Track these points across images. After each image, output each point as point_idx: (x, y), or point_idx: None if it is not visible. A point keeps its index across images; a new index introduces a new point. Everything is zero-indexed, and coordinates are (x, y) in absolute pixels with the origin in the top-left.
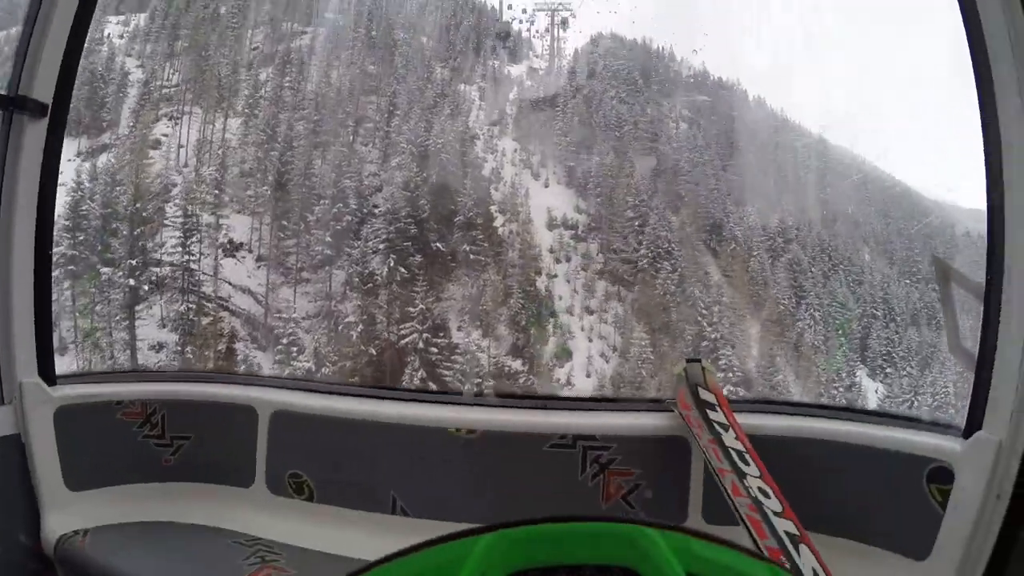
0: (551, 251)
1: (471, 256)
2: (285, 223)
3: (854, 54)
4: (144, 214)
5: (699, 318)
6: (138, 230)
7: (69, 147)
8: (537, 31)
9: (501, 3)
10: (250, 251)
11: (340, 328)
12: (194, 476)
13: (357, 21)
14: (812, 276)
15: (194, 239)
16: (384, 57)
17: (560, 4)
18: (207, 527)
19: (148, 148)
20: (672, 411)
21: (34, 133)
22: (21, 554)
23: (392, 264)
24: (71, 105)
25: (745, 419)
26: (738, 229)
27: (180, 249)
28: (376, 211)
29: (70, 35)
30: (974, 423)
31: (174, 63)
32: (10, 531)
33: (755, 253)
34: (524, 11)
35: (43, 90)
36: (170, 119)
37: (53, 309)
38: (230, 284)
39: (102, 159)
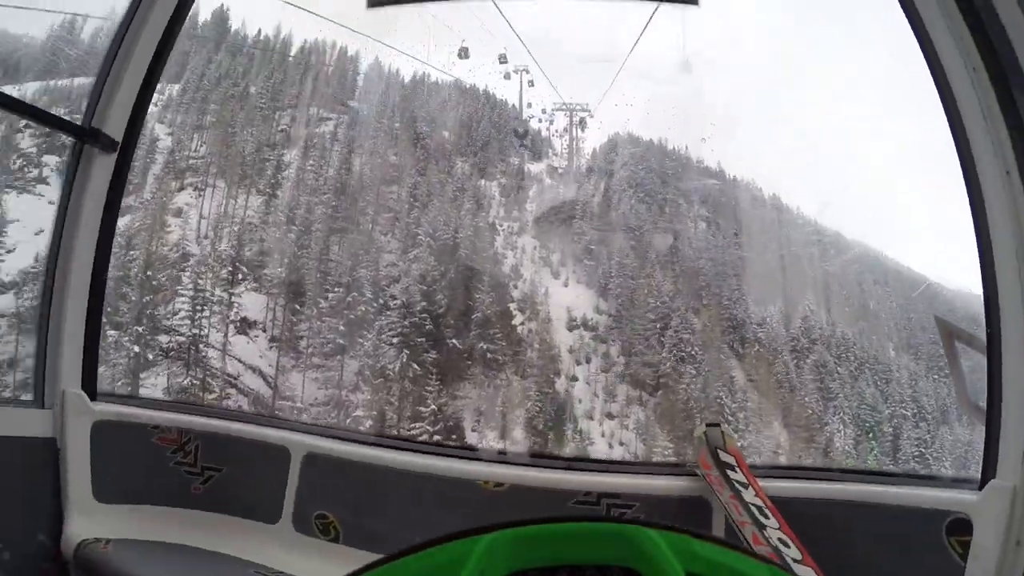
0: (571, 351)
1: (488, 355)
2: (298, 307)
3: (865, 149)
4: (155, 282)
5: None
6: (148, 297)
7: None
8: (556, 130)
9: (521, 102)
10: (264, 330)
11: (348, 420)
12: (221, 507)
13: (381, 112)
14: (839, 377)
15: (206, 312)
16: (406, 149)
17: (578, 104)
18: (230, 556)
19: (169, 215)
20: (694, 474)
21: (103, 166)
22: (38, 553)
23: (405, 359)
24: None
25: (766, 484)
26: (761, 331)
27: (190, 321)
28: (392, 303)
29: (145, 76)
30: (988, 473)
31: (203, 135)
32: (31, 529)
33: (780, 355)
34: (544, 111)
35: (115, 126)
36: (195, 189)
37: None
38: (241, 362)
39: (122, 221)
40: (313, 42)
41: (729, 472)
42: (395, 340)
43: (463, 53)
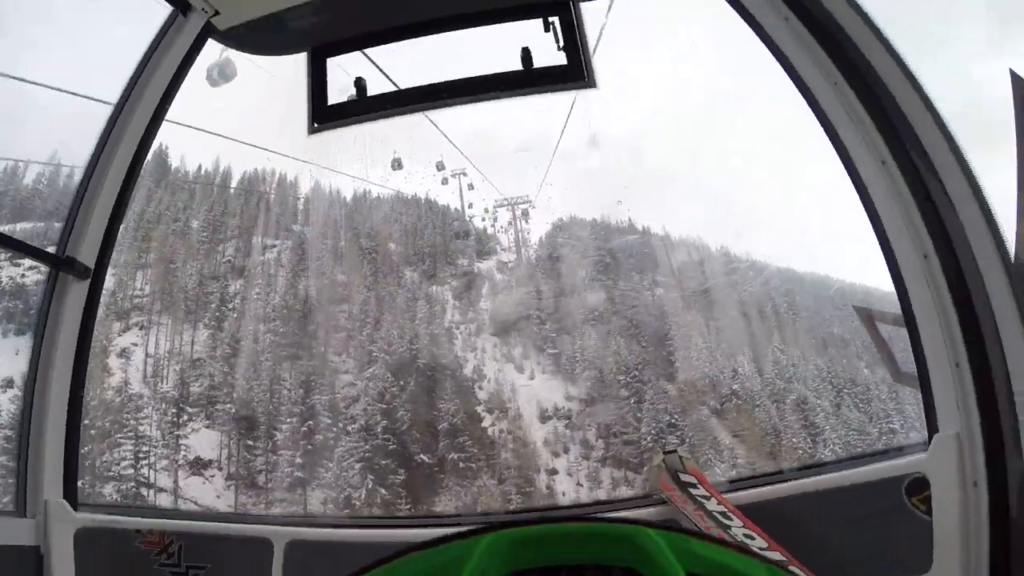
0: (547, 444)
1: (460, 464)
2: (251, 442)
3: (755, 178)
4: (92, 431)
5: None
6: (87, 447)
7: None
8: (501, 226)
9: (463, 203)
10: (219, 468)
11: None
12: None
13: (324, 233)
14: (822, 410)
15: (153, 456)
16: (353, 266)
17: (519, 197)
18: None
19: (112, 358)
20: (661, 502)
21: (77, 293)
22: None
23: (371, 485)
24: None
25: (729, 496)
26: (735, 384)
27: (133, 469)
28: (350, 427)
29: (114, 207)
30: (932, 429)
31: (146, 273)
32: None
33: (758, 403)
34: (486, 210)
35: (87, 254)
36: (140, 328)
37: None
38: (196, 504)
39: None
40: (252, 172)
41: (691, 489)
42: (358, 466)
43: (396, 164)
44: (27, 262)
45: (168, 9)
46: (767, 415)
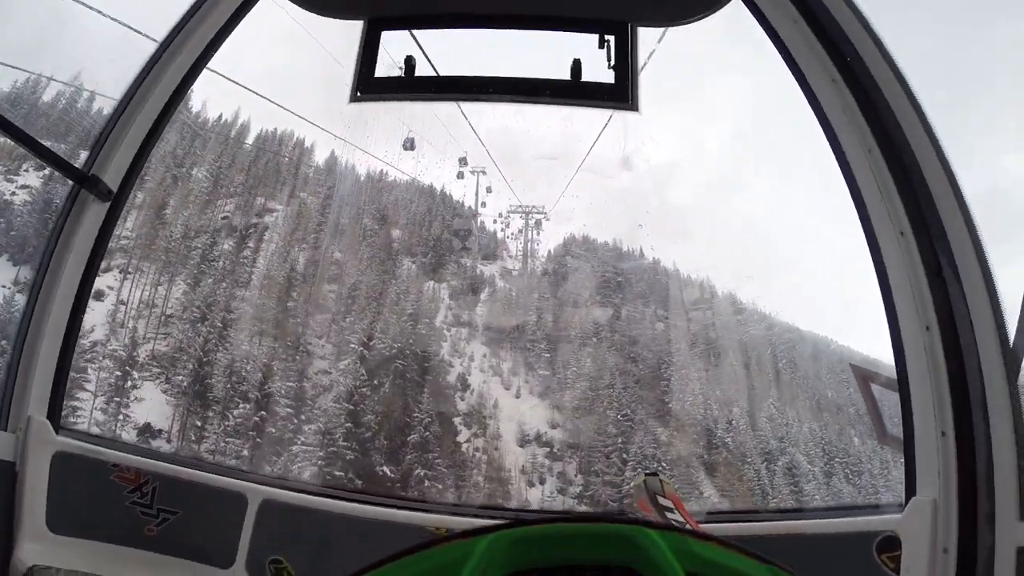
0: (523, 472)
1: (425, 482)
2: (199, 423)
3: (775, 232)
4: None
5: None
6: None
7: (5, 272)
8: (512, 233)
9: (477, 201)
10: (168, 441)
11: None
12: (174, 550)
13: (325, 205)
14: (814, 478)
15: (95, 412)
16: (350, 246)
17: (534, 207)
18: None
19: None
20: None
21: (96, 212)
22: None
23: None
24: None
25: (705, 526)
26: (728, 436)
27: (85, 420)
28: (306, 427)
29: (148, 132)
30: (910, 492)
31: (138, 215)
32: None
33: (749, 460)
34: (500, 214)
35: (112, 177)
36: (120, 271)
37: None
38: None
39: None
40: (271, 131)
41: (668, 513)
42: (308, 471)
43: (408, 144)
44: (20, 179)
45: None
46: (756, 474)
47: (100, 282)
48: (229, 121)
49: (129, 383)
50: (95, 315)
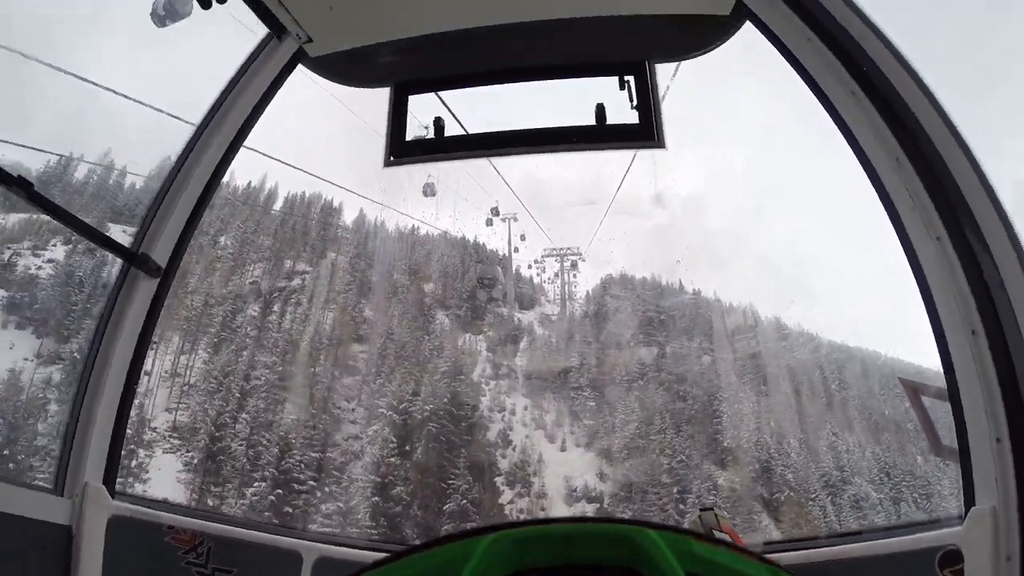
0: None
1: None
2: (211, 500)
3: (813, 255)
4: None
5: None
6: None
7: (28, 344)
8: (548, 278)
9: (509, 248)
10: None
11: None
12: None
13: (354, 264)
14: (883, 509)
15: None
16: (379, 304)
17: (569, 249)
18: None
19: None
20: None
21: (146, 289)
22: None
23: None
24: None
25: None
26: (788, 472)
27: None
28: (328, 502)
29: (193, 209)
30: (969, 503)
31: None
32: None
33: (813, 496)
34: (536, 260)
35: (161, 253)
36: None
37: None
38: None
39: (56, 373)
40: (300, 195)
41: None
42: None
43: (428, 190)
44: (47, 255)
45: (264, 31)
46: (823, 512)
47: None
48: (256, 186)
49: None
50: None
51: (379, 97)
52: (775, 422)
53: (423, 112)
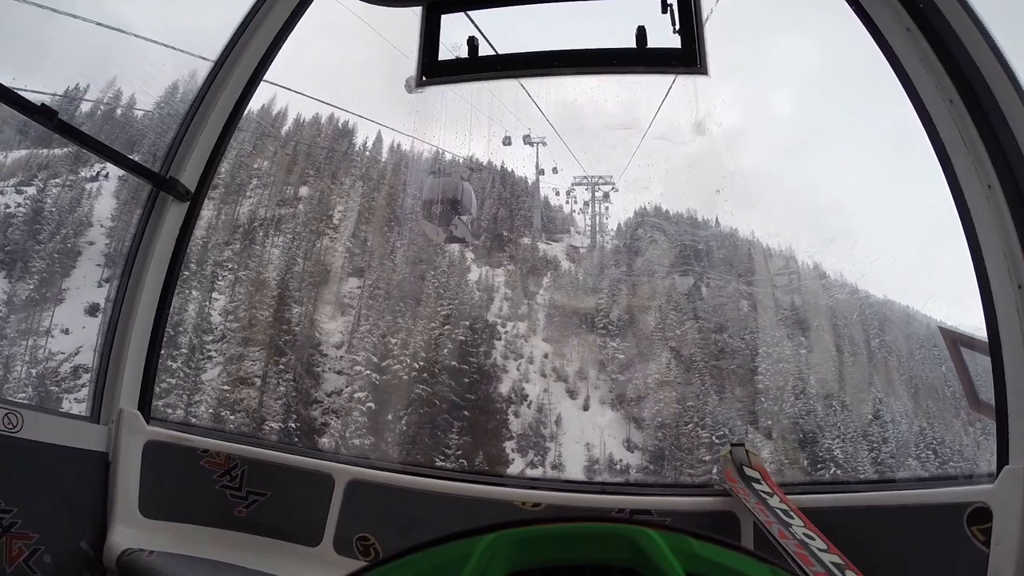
0: None
1: None
2: None
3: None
4: None
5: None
6: None
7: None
8: (579, 207)
9: (537, 174)
10: None
11: None
12: (264, 530)
13: (360, 186)
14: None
15: None
16: (382, 231)
17: (601, 177)
18: (270, 574)
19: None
20: (723, 493)
21: (175, 212)
22: (78, 559)
23: None
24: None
25: (792, 497)
26: (837, 447)
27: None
28: None
29: (220, 134)
30: (1003, 461)
31: None
32: (75, 536)
33: (860, 462)
34: (565, 191)
35: (189, 177)
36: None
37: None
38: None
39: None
40: (311, 116)
41: (755, 484)
42: None
43: (506, 141)
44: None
45: None
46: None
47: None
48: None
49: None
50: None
51: (409, 21)
52: (822, 373)
53: (452, 36)
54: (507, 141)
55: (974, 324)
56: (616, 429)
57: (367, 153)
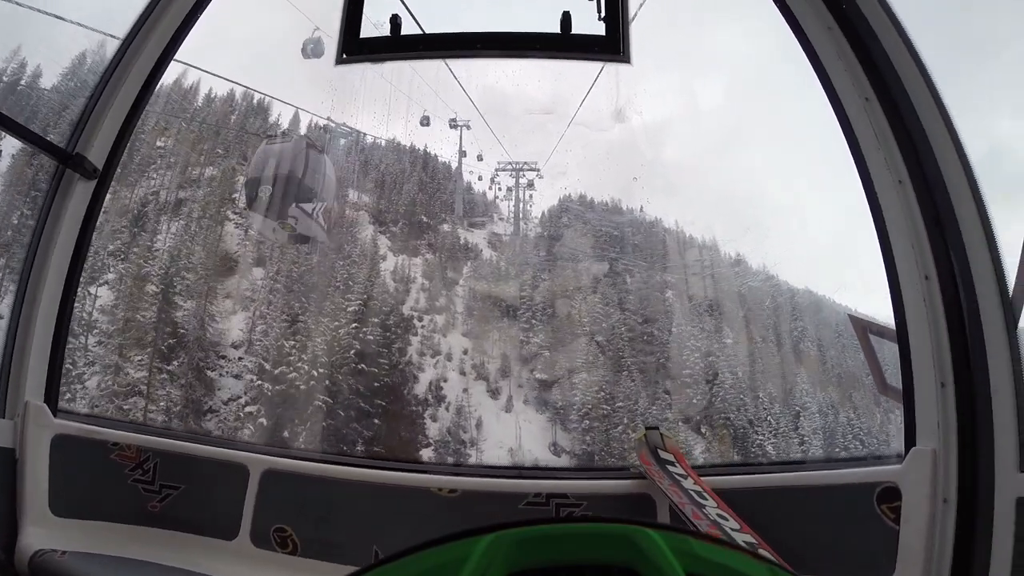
0: None
1: None
2: None
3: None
4: None
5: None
6: None
7: None
8: (502, 193)
9: (459, 159)
10: None
11: None
12: (178, 525)
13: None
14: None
15: None
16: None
17: (524, 163)
18: (187, 571)
19: None
20: (639, 476)
21: (82, 191)
22: None
23: None
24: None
25: (706, 479)
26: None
27: None
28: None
29: (131, 108)
30: (910, 443)
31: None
32: None
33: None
34: (492, 179)
35: (97, 154)
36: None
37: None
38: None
39: None
40: (224, 93)
41: (669, 467)
42: None
43: (424, 121)
44: None
45: None
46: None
47: None
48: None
49: None
50: None
51: None
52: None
53: (376, 12)
54: (425, 121)
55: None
56: (540, 431)
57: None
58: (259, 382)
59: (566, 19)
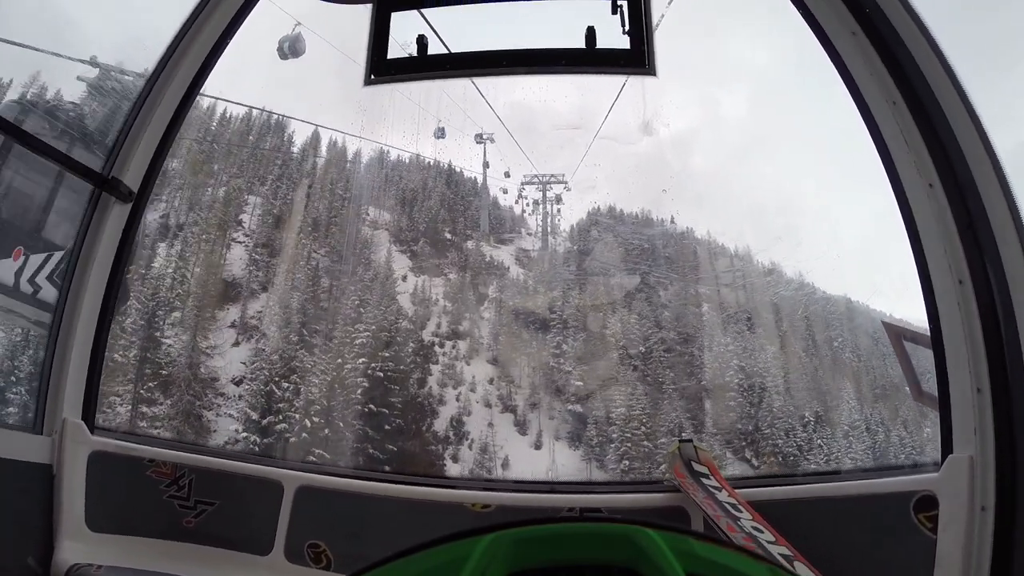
0: None
1: None
2: None
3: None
4: None
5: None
6: None
7: None
8: (528, 207)
9: (484, 172)
10: None
11: None
12: (213, 540)
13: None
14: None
15: None
16: (307, 235)
17: (552, 176)
18: None
19: None
20: (672, 490)
21: (118, 214)
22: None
23: None
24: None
25: (740, 491)
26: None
27: None
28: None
29: (165, 131)
30: (947, 451)
31: None
32: (21, 552)
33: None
34: (520, 192)
35: (132, 178)
36: None
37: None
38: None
39: None
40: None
41: (703, 479)
42: None
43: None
44: None
45: None
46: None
47: None
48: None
49: None
50: None
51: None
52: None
53: (401, 35)
54: (439, 134)
55: (917, 318)
56: (575, 471)
57: (318, 159)
58: (245, 433)
59: (590, 34)
